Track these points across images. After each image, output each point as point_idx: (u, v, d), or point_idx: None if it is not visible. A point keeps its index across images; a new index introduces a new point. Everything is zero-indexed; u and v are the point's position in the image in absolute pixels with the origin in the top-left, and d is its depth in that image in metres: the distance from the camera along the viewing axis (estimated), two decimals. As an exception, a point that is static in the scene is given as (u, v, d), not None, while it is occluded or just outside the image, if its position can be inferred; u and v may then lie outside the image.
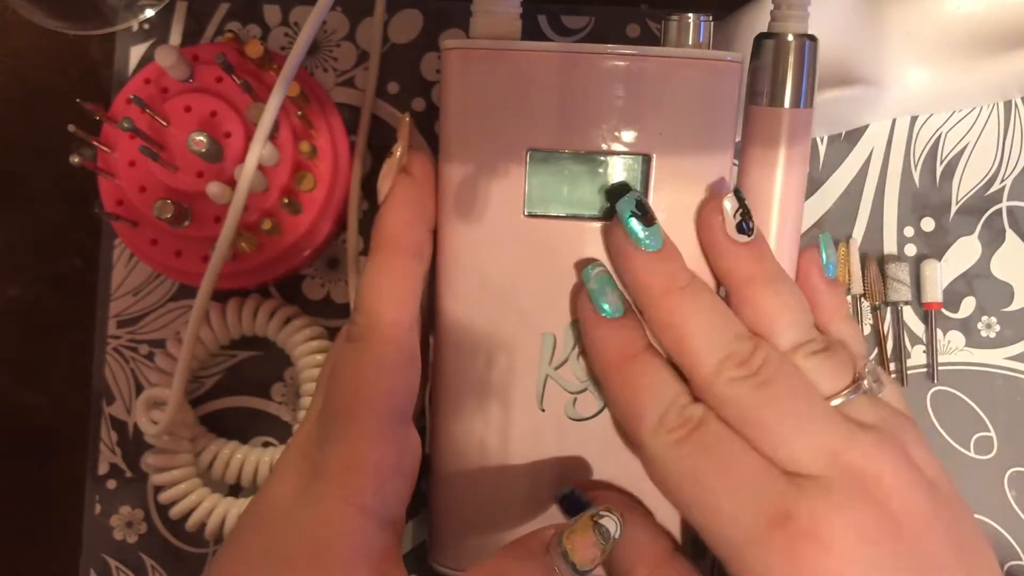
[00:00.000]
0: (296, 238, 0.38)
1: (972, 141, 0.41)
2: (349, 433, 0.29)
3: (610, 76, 0.31)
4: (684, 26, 0.32)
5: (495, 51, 0.32)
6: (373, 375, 0.30)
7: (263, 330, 0.39)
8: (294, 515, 0.29)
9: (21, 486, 0.41)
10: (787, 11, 0.32)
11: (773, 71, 0.32)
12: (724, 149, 0.32)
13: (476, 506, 0.33)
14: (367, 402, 0.30)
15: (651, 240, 0.30)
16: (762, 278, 0.31)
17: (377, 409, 0.30)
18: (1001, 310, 0.41)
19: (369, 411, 0.30)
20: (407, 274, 0.31)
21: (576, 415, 0.33)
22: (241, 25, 0.41)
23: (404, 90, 0.41)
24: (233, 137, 0.35)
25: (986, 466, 0.40)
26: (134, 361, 0.40)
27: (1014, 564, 0.40)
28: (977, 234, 0.41)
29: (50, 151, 0.41)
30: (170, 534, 0.40)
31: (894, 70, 0.38)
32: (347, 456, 0.29)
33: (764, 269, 0.31)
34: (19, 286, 0.41)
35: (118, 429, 0.40)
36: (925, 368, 0.41)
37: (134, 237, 0.38)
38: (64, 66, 0.42)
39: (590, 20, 0.41)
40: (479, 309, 0.33)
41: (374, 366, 0.30)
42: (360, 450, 0.29)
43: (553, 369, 0.33)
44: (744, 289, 0.31)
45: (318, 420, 0.31)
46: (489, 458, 0.33)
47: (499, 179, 0.32)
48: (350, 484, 0.29)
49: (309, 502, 0.29)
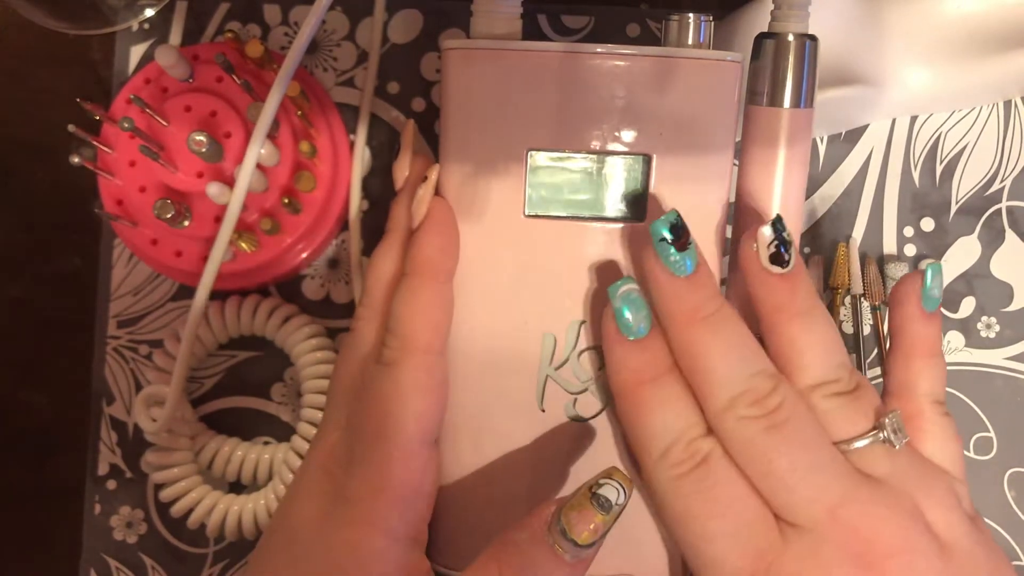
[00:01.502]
0: (296, 238, 0.38)
1: (972, 141, 0.41)
2: (377, 456, 0.30)
3: (610, 76, 0.31)
4: (684, 26, 0.32)
5: (495, 51, 0.32)
6: (405, 399, 0.30)
7: (262, 329, 0.39)
8: (322, 537, 0.30)
9: (21, 486, 0.41)
10: (787, 11, 0.32)
11: (773, 71, 0.32)
12: (724, 149, 0.32)
13: (476, 506, 0.33)
14: (398, 425, 0.30)
15: (681, 265, 0.29)
16: (793, 311, 0.30)
17: (407, 433, 0.30)
18: (1001, 310, 0.41)
19: (399, 434, 0.30)
20: (441, 299, 0.32)
21: (576, 415, 0.33)
22: (241, 25, 0.41)
23: (404, 90, 0.41)
24: (233, 137, 0.35)
25: (986, 466, 0.40)
26: (134, 361, 0.40)
27: (1014, 564, 0.40)
28: (977, 234, 0.41)
29: (50, 151, 0.41)
30: (170, 534, 0.40)
31: (894, 70, 0.38)
32: (375, 480, 0.29)
33: (796, 302, 0.30)
34: (19, 286, 0.41)
35: (118, 429, 0.40)
36: (925, 368, 0.40)
37: (134, 237, 0.38)
38: (64, 66, 0.42)
39: (590, 20, 0.41)
40: (479, 309, 0.33)
41: (406, 390, 0.30)
42: (388, 474, 0.29)
43: (553, 369, 0.33)
44: (773, 320, 0.30)
45: (343, 439, 0.31)
46: (489, 458, 0.33)
47: (499, 179, 0.32)
48: (378, 508, 0.29)
49: (337, 525, 0.29)
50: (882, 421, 0.29)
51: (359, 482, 0.30)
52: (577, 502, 0.26)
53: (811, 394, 0.29)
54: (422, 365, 0.31)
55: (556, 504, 0.26)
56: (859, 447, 0.29)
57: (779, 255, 0.30)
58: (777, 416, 0.28)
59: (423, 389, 0.30)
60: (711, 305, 0.29)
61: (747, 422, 0.28)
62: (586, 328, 0.32)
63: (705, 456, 0.29)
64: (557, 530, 0.26)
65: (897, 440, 0.29)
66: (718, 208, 0.32)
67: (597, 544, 0.26)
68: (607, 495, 0.26)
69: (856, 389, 0.30)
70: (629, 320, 0.30)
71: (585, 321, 0.32)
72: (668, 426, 0.29)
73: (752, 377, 0.29)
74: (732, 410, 0.28)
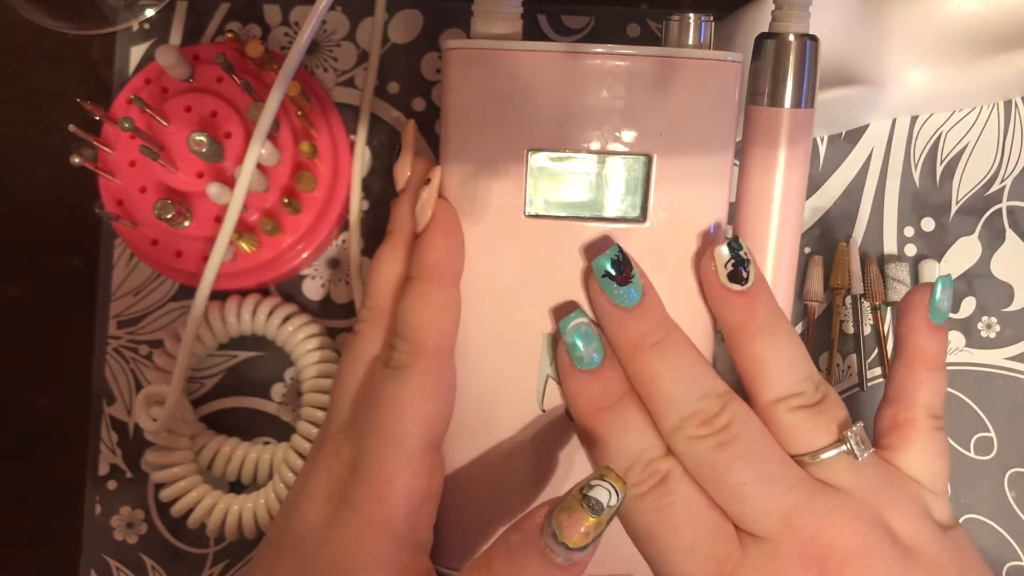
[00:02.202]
0: (296, 238, 0.38)
1: (972, 141, 0.41)
2: (385, 460, 0.30)
3: (611, 76, 0.31)
4: (685, 26, 0.32)
5: (496, 51, 0.32)
6: (414, 403, 0.31)
7: (262, 329, 0.39)
8: (327, 540, 0.30)
9: (21, 486, 0.41)
10: (788, 11, 0.32)
11: (774, 71, 0.32)
12: (724, 149, 0.32)
13: (477, 506, 0.33)
14: (406, 430, 0.30)
15: (625, 297, 0.30)
16: (754, 328, 0.30)
17: (416, 437, 0.30)
18: (1001, 310, 0.41)
19: (407, 439, 0.30)
20: (449, 303, 0.32)
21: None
22: (241, 25, 0.41)
23: (404, 90, 0.41)
24: (233, 137, 0.35)
25: (986, 466, 0.40)
26: (134, 361, 0.40)
27: (1014, 565, 0.40)
28: (977, 234, 0.41)
29: (50, 151, 0.41)
30: (170, 534, 0.40)
31: (894, 70, 0.38)
32: (382, 484, 0.30)
33: (757, 319, 0.30)
34: (19, 286, 0.41)
35: (118, 429, 0.40)
36: (925, 368, 0.40)
37: (134, 237, 0.38)
38: (64, 66, 0.42)
39: (590, 20, 0.41)
40: (479, 309, 0.33)
41: (416, 394, 0.31)
42: (395, 478, 0.30)
43: (553, 369, 0.33)
44: (736, 337, 0.31)
45: (348, 442, 0.31)
46: (490, 458, 0.33)
47: (499, 179, 0.32)
48: (384, 512, 0.29)
49: (342, 528, 0.30)
50: (844, 434, 0.30)
51: (365, 486, 0.30)
52: (567, 504, 0.26)
53: (775, 408, 0.30)
54: (432, 369, 0.31)
55: (549, 505, 0.26)
56: (823, 459, 0.30)
57: (737, 273, 0.31)
58: (726, 434, 0.29)
59: (432, 393, 0.31)
60: (657, 333, 0.31)
61: (697, 441, 0.29)
62: (586, 328, 0.32)
63: (664, 476, 0.29)
64: (548, 533, 0.26)
65: (860, 452, 0.30)
66: (718, 208, 0.32)
67: (591, 547, 0.26)
68: (598, 497, 0.25)
69: (820, 402, 0.30)
70: (581, 352, 0.31)
71: (585, 321, 0.32)
72: (627, 448, 0.30)
73: (700, 399, 0.30)
74: (682, 430, 0.29)
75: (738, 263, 0.30)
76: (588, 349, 0.31)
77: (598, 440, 0.30)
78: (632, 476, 0.29)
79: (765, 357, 0.30)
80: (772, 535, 0.28)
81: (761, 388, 0.30)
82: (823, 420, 0.30)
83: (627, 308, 0.30)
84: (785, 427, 0.30)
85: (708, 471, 0.29)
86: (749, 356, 0.31)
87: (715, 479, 0.29)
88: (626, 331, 0.31)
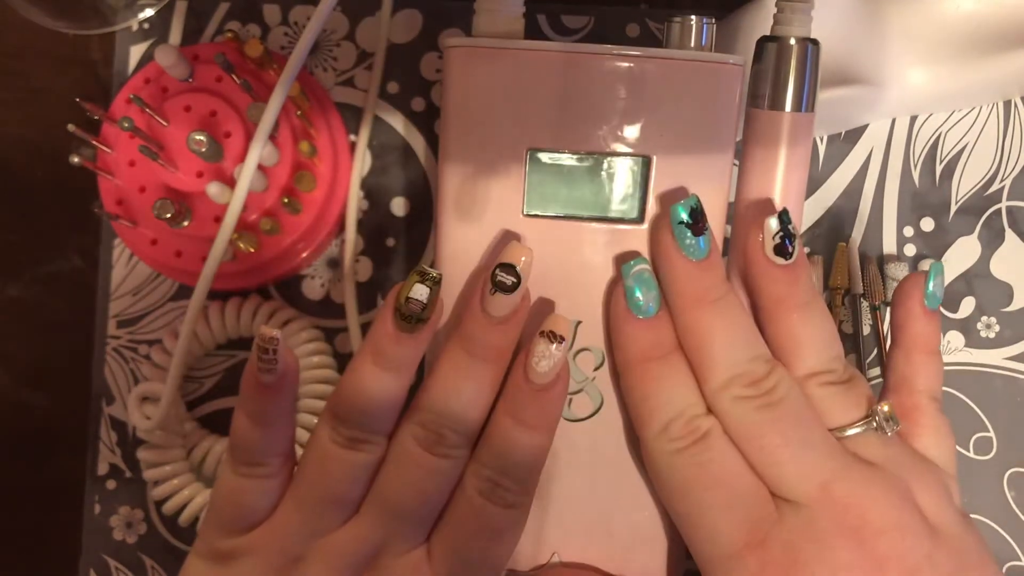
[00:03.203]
0: (296, 238, 0.38)
1: (972, 141, 0.41)
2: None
3: (612, 77, 0.31)
4: (687, 28, 0.32)
5: (497, 50, 0.31)
6: (515, 542, 0.31)
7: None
8: None
9: (21, 486, 0.41)
10: (790, 14, 0.32)
11: (775, 74, 0.32)
12: (724, 151, 0.32)
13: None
14: (503, 566, 0.31)
15: (695, 249, 0.30)
16: (792, 303, 0.31)
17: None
18: (1000, 310, 0.41)
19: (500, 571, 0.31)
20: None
21: (572, 416, 0.33)
22: (241, 25, 0.41)
23: (404, 90, 0.41)
24: (233, 137, 0.35)
25: (986, 466, 0.40)
26: (134, 361, 0.40)
27: (1013, 564, 0.40)
28: (977, 234, 0.41)
29: (50, 151, 0.41)
30: (170, 534, 0.40)
31: (894, 70, 0.38)
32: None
33: (796, 294, 0.31)
34: (19, 286, 0.41)
35: (118, 429, 0.40)
36: (925, 368, 0.40)
37: (134, 237, 0.38)
38: (64, 66, 0.42)
39: (590, 20, 0.41)
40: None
41: (519, 534, 0.31)
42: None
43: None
44: (773, 310, 0.31)
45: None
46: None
47: (499, 179, 0.32)
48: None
49: None
50: (874, 409, 0.30)
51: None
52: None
53: (807, 383, 0.30)
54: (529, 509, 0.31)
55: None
56: (852, 434, 0.30)
57: (783, 247, 0.30)
58: (771, 396, 0.29)
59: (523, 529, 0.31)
60: (719, 290, 0.30)
61: (743, 401, 0.29)
62: (582, 328, 0.32)
63: (704, 433, 0.29)
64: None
65: (889, 428, 0.30)
66: (717, 210, 0.32)
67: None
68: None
69: (850, 380, 0.31)
70: (640, 299, 0.30)
71: (581, 321, 0.32)
72: (671, 402, 0.30)
73: (751, 361, 0.30)
74: (729, 389, 0.29)
75: (785, 236, 0.30)
76: (648, 296, 0.30)
77: (644, 388, 0.30)
78: (674, 430, 0.30)
79: (801, 332, 0.30)
80: (809, 500, 0.28)
81: (794, 362, 0.30)
82: (852, 396, 0.30)
83: (696, 260, 0.30)
84: (816, 401, 0.30)
85: (752, 431, 0.29)
86: (785, 330, 0.31)
87: (757, 438, 0.29)
88: (690, 283, 0.30)
